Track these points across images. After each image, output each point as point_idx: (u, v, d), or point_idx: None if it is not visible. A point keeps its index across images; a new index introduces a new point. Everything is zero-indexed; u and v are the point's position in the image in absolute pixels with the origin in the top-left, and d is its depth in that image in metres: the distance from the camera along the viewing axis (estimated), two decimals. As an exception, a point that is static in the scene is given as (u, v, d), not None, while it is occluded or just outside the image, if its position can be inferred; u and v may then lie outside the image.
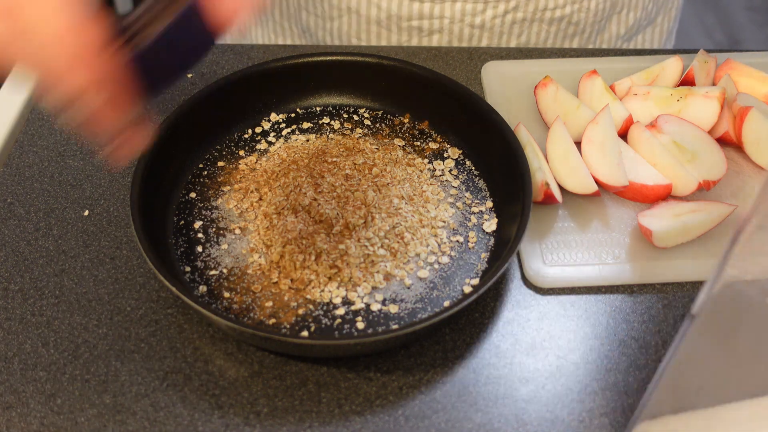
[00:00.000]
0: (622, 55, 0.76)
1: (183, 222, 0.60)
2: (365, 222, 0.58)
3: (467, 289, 0.56)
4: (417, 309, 0.54)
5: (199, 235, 0.59)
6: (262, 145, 0.66)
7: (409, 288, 0.56)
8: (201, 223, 0.60)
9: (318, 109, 0.69)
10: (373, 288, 0.55)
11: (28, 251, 0.59)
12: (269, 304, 0.54)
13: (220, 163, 0.64)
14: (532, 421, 0.50)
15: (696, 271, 0.58)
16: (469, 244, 0.58)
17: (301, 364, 0.53)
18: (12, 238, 0.60)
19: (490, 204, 0.61)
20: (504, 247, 0.56)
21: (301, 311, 0.54)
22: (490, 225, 0.60)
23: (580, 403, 0.51)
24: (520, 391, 0.51)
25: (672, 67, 0.70)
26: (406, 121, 0.68)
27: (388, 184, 0.61)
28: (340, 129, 0.67)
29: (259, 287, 0.55)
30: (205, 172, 0.63)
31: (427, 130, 0.67)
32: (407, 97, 0.67)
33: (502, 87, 0.71)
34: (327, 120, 0.68)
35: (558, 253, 0.58)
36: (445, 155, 0.65)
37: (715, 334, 0.40)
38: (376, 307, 0.54)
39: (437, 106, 0.66)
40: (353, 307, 0.54)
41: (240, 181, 0.62)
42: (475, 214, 0.61)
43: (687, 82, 0.69)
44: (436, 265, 0.57)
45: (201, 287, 0.55)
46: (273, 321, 0.53)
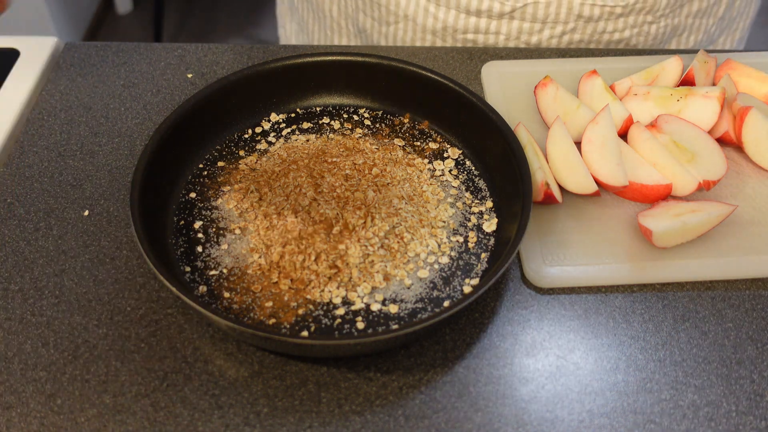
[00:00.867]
0: (621, 55, 0.76)
1: (183, 222, 0.60)
2: (365, 222, 0.58)
3: (467, 289, 0.56)
4: (417, 309, 0.54)
5: (199, 235, 0.59)
6: (262, 145, 0.66)
7: (409, 288, 0.56)
8: (201, 223, 0.60)
9: (318, 109, 0.69)
10: (373, 288, 0.55)
11: (28, 251, 0.59)
12: (269, 304, 0.54)
13: (220, 163, 0.64)
14: (532, 421, 0.50)
15: (696, 272, 0.58)
16: (469, 244, 0.58)
17: (301, 364, 0.53)
18: (12, 238, 0.60)
19: (490, 204, 0.61)
20: (504, 247, 0.56)
21: (301, 311, 0.54)
22: (490, 225, 0.60)
23: (580, 403, 0.51)
24: (520, 391, 0.51)
25: (672, 67, 0.70)
26: (406, 121, 0.68)
27: (388, 184, 0.61)
28: (340, 129, 0.67)
29: (259, 287, 0.55)
30: (205, 172, 0.63)
31: (427, 130, 0.67)
32: (407, 97, 0.67)
33: (502, 87, 0.71)
34: (327, 120, 0.68)
35: (558, 253, 0.58)
36: (445, 155, 0.65)
37: None
38: (376, 307, 0.54)
39: (437, 106, 0.66)
40: (353, 307, 0.54)
41: (240, 181, 0.62)
42: (475, 214, 0.61)
43: (687, 82, 0.69)
44: (436, 265, 0.57)
45: (201, 287, 0.55)
46: (273, 321, 0.53)
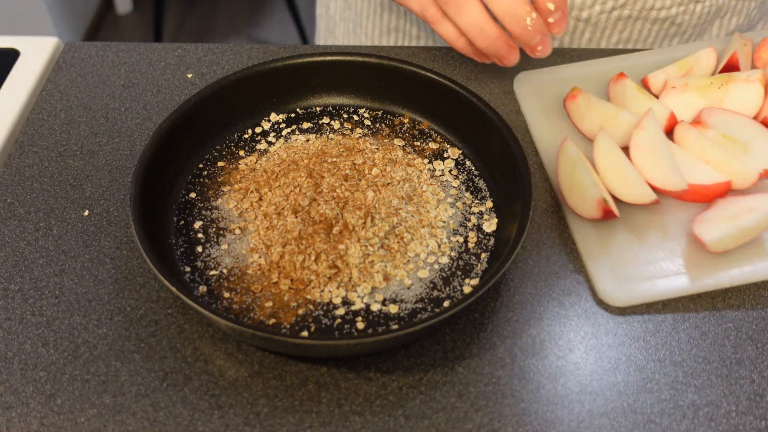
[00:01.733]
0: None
1: (183, 222, 0.60)
2: (365, 222, 0.58)
3: (467, 289, 0.56)
4: (417, 309, 0.54)
5: (199, 235, 0.59)
6: (262, 145, 0.66)
7: (409, 288, 0.56)
8: (201, 223, 0.60)
9: (318, 109, 0.69)
10: (373, 288, 0.55)
11: (28, 251, 0.59)
12: (269, 304, 0.54)
13: (220, 163, 0.64)
14: (532, 421, 0.50)
15: (758, 274, 0.55)
16: (469, 245, 0.58)
17: (301, 364, 0.53)
18: (12, 238, 0.60)
19: (490, 204, 0.61)
20: (504, 247, 0.56)
21: (301, 311, 0.54)
22: (490, 225, 0.60)
23: (580, 403, 0.51)
24: (520, 391, 0.51)
25: (706, 57, 0.68)
26: (406, 121, 0.68)
27: (388, 184, 0.61)
28: (340, 129, 0.67)
29: (259, 287, 0.55)
30: (205, 172, 0.63)
31: (427, 130, 0.67)
32: (407, 97, 0.67)
33: (537, 100, 0.69)
34: (327, 120, 0.68)
35: (623, 271, 0.55)
36: (445, 155, 0.65)
37: None
38: (376, 307, 0.54)
39: (437, 106, 0.66)
40: (353, 308, 0.54)
41: (240, 181, 0.62)
42: (475, 214, 0.61)
43: (730, 67, 0.66)
44: (436, 266, 0.57)
45: (201, 287, 0.55)
46: (273, 321, 0.53)
